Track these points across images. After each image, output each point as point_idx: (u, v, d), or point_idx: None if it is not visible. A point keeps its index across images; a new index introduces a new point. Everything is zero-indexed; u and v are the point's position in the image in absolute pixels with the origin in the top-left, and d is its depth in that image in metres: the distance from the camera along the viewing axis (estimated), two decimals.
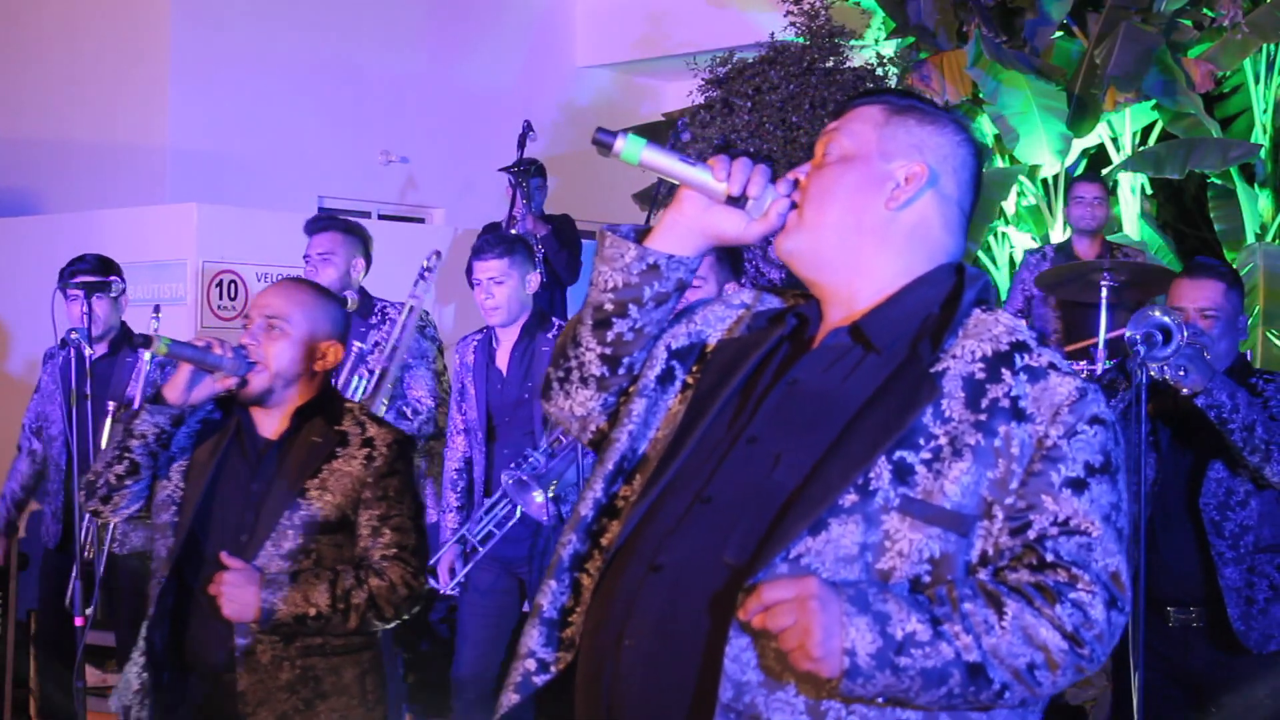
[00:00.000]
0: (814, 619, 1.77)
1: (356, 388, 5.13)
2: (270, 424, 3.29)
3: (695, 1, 10.72)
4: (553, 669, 2.01)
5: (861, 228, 1.99)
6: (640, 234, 2.09)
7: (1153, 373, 3.93)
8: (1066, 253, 7.19)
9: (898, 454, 1.86)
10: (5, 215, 8.88)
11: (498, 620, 5.04)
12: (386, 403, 5.14)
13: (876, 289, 2.00)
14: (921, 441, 1.87)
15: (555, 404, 2.16)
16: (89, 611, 4.81)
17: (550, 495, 4.65)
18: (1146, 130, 9.20)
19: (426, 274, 5.11)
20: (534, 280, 5.00)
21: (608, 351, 2.09)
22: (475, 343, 5.10)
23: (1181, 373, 3.94)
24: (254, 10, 9.66)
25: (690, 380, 2.08)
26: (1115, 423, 1.94)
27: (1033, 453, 1.88)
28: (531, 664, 2.02)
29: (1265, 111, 8.93)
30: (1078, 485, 1.87)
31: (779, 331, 2.06)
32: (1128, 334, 3.96)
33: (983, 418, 1.88)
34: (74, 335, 5.12)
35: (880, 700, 1.83)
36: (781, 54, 8.68)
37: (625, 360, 2.10)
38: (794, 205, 2.02)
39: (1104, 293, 5.74)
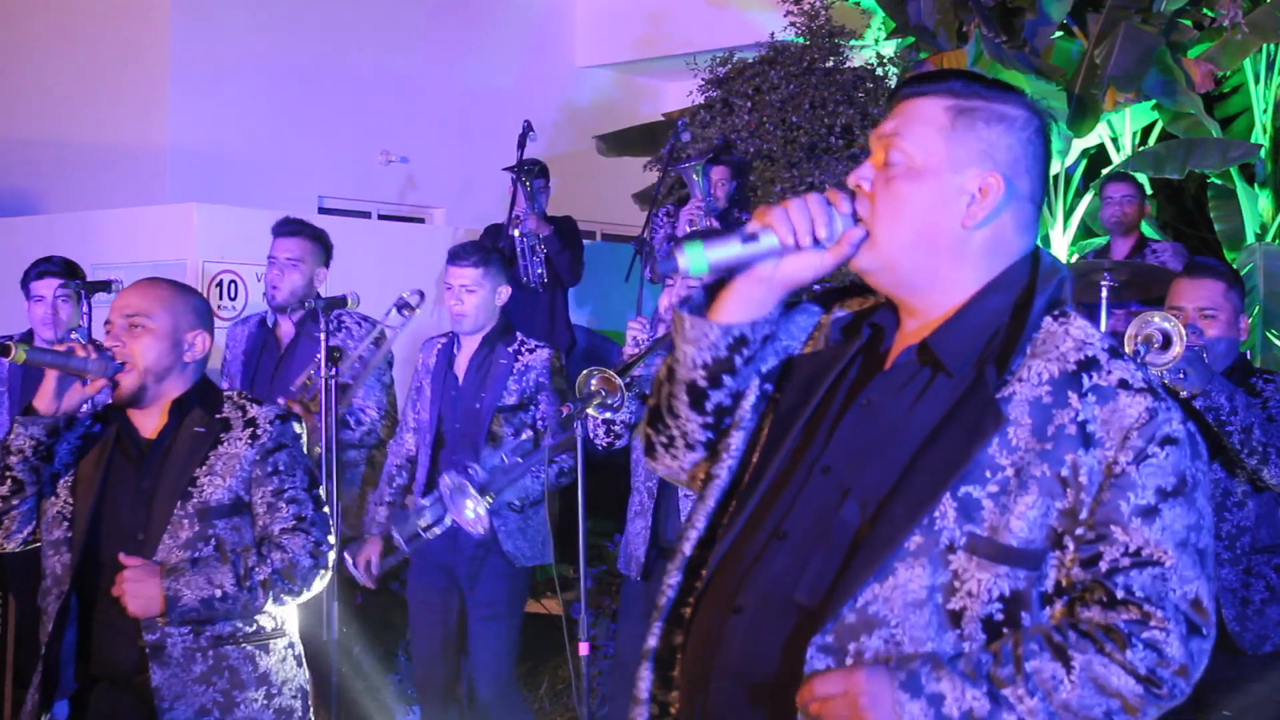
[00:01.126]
0: (866, 715, 1.77)
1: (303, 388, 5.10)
2: (149, 422, 3.29)
3: (695, 1, 10.72)
4: (673, 710, 1.99)
5: (936, 248, 1.91)
6: (711, 291, 2.03)
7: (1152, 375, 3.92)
8: (1104, 254, 7.17)
9: (963, 490, 1.81)
10: (5, 215, 8.89)
11: (444, 618, 5.04)
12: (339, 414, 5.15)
13: (950, 300, 1.93)
14: (988, 474, 1.81)
15: (663, 464, 2.14)
16: None
17: (485, 509, 4.66)
18: (1146, 130, 9.20)
19: (405, 310, 5.08)
20: (504, 293, 5.06)
21: (709, 420, 2.06)
22: (439, 346, 5.15)
23: (1181, 375, 3.94)
24: (253, 10, 9.66)
25: (776, 395, 2.04)
26: (1191, 437, 1.85)
27: (1101, 480, 1.81)
28: (655, 708, 2.00)
29: (1265, 111, 8.93)
30: (1149, 513, 1.80)
31: (855, 345, 2.00)
32: (1127, 337, 3.96)
33: (1049, 446, 1.81)
34: (74, 335, 5.12)
35: None
36: (781, 54, 8.68)
37: (728, 419, 2.06)
38: (857, 219, 1.94)
39: (1104, 293, 5.73)
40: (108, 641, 3.21)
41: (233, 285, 7.33)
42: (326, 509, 3.37)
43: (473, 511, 4.47)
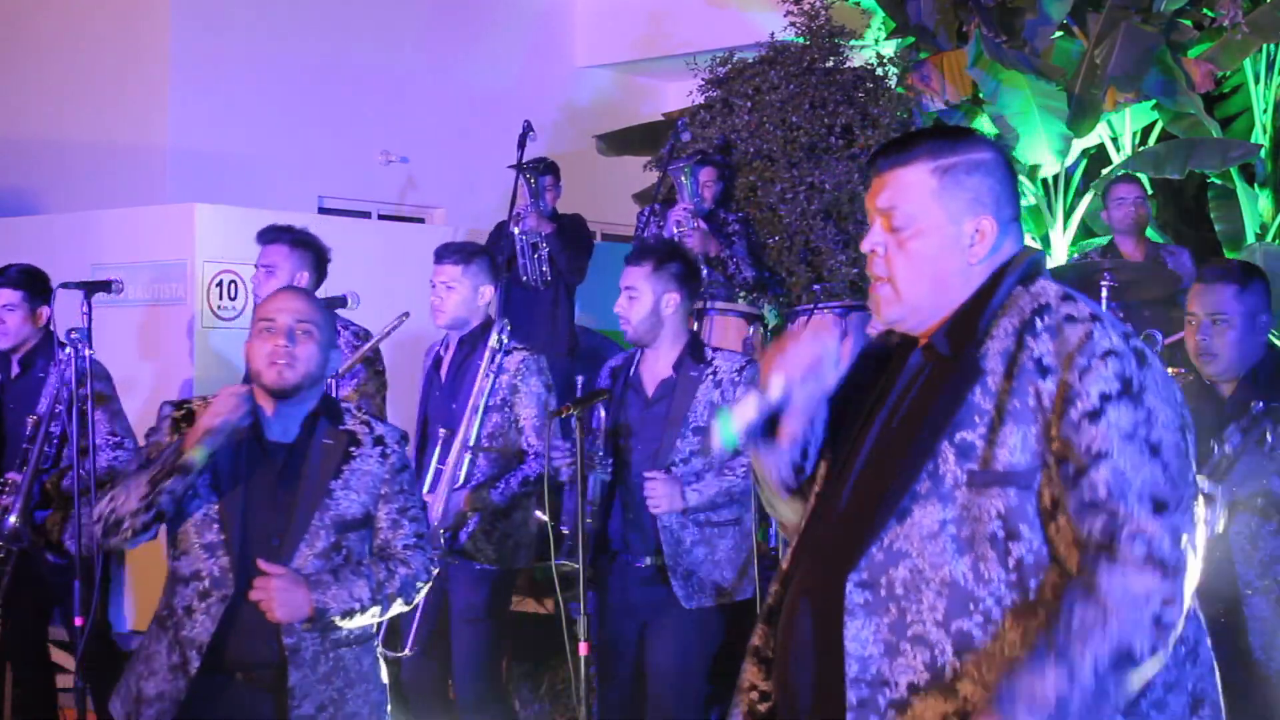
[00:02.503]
0: None
1: None
2: (284, 428, 3.45)
3: (695, 1, 10.72)
4: (773, 696, 2.33)
5: (949, 286, 2.26)
6: (769, 423, 2.37)
7: None
8: (1113, 255, 7.13)
9: (958, 436, 2.14)
10: (5, 215, 8.88)
11: (436, 622, 5.04)
12: None
13: (955, 308, 2.28)
14: (976, 419, 2.14)
15: (786, 522, 2.49)
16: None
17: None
18: (1146, 130, 9.20)
19: (393, 330, 5.20)
20: (486, 293, 5.10)
21: (803, 481, 2.41)
22: (437, 348, 5.23)
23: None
24: (253, 10, 9.66)
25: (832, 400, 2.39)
26: (1136, 351, 2.12)
27: (1057, 400, 2.10)
28: (755, 695, 2.35)
29: (1265, 111, 8.93)
30: (1094, 415, 2.08)
31: (882, 363, 2.36)
32: None
33: (1016, 383, 2.13)
34: (74, 335, 5.11)
35: None
36: (781, 54, 8.68)
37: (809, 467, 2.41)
38: (876, 277, 2.28)
39: (1104, 293, 5.73)
40: (244, 638, 3.38)
41: (233, 285, 7.32)
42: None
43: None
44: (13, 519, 5.10)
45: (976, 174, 2.25)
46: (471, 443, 4.92)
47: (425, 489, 4.88)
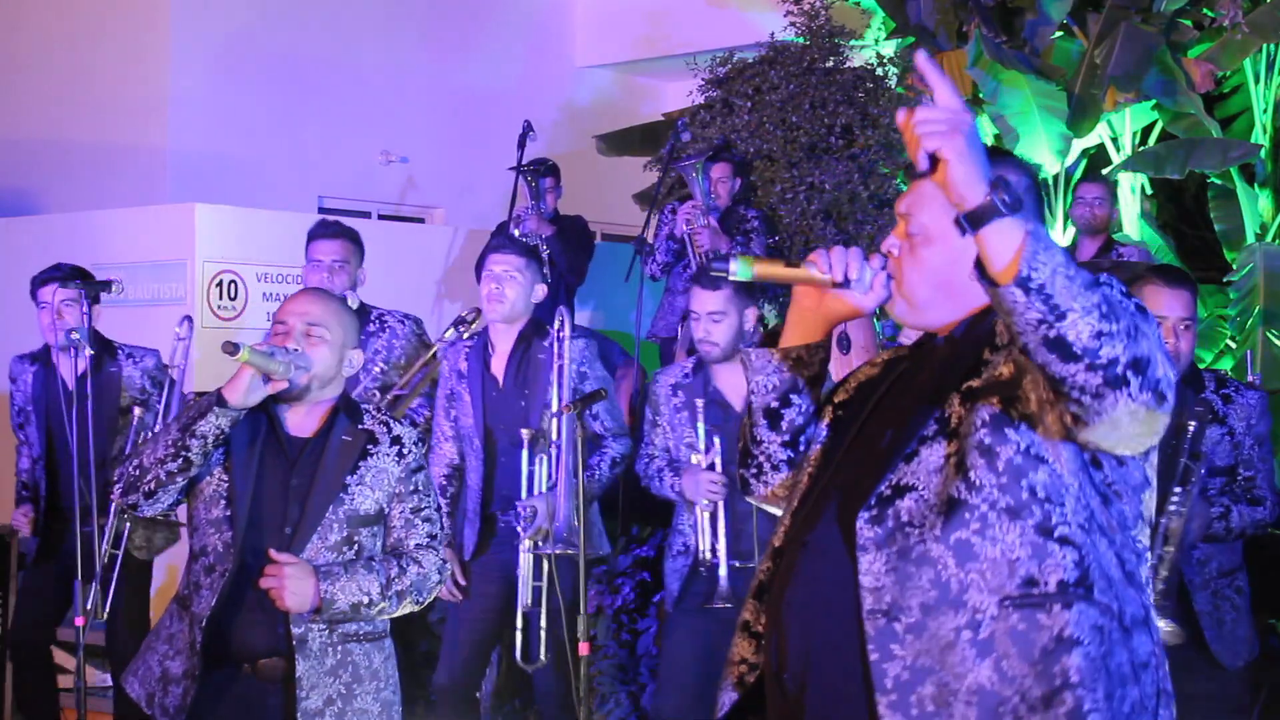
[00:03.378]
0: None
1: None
2: (303, 423, 3.49)
3: (695, 1, 10.72)
4: (758, 668, 2.38)
5: (955, 293, 2.32)
6: (770, 336, 2.48)
7: None
8: (1069, 253, 7.16)
9: (964, 384, 2.23)
10: (5, 215, 8.88)
11: (483, 627, 5.01)
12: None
13: (974, 310, 2.34)
14: (984, 370, 2.23)
15: (757, 495, 2.55)
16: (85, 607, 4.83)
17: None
18: (1146, 130, 9.20)
19: (461, 326, 5.02)
20: (540, 291, 4.99)
21: (787, 438, 2.48)
22: (467, 350, 5.03)
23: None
24: (254, 10, 9.66)
25: (836, 401, 2.47)
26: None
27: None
28: (744, 668, 2.40)
29: (1265, 111, 8.93)
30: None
31: (903, 355, 2.43)
32: None
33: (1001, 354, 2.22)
34: (74, 336, 5.12)
35: (1047, 287, 1.99)
36: (781, 54, 8.68)
37: (803, 437, 2.48)
38: (890, 275, 2.35)
39: None
40: (248, 624, 3.41)
41: (233, 285, 7.32)
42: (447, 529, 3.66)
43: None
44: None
45: None
46: (564, 437, 4.72)
47: (523, 493, 4.76)
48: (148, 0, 9.55)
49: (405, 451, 3.53)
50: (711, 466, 4.65)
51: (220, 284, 7.29)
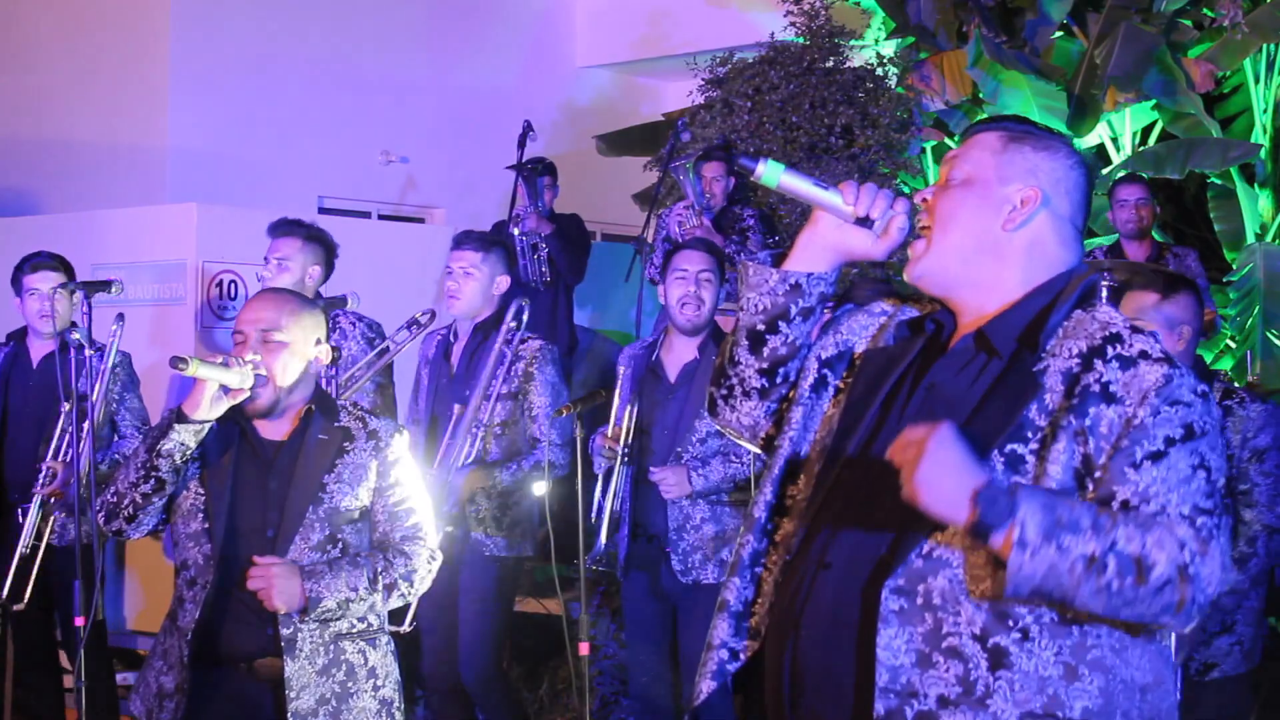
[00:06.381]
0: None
1: None
2: (276, 426, 3.48)
3: (695, 1, 10.72)
4: (742, 656, 2.28)
5: (981, 247, 2.22)
6: (777, 258, 2.34)
7: None
8: (1117, 255, 7.04)
9: (1009, 447, 2.10)
10: (5, 215, 8.88)
11: (451, 615, 5.05)
12: None
13: (999, 299, 2.22)
14: (1029, 435, 2.10)
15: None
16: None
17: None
18: (1146, 130, 9.20)
19: (414, 327, 5.14)
20: (502, 283, 5.08)
21: (765, 365, 2.34)
22: (439, 338, 5.18)
23: None
24: (254, 11, 9.66)
25: (842, 385, 2.33)
26: (1203, 396, 2.11)
27: (1120, 430, 2.07)
28: (724, 654, 2.29)
29: (1265, 111, 8.93)
30: (1156, 457, 2.06)
31: (920, 339, 2.29)
32: None
33: (1076, 402, 2.09)
34: (74, 336, 5.12)
35: (1038, 596, 2.00)
36: (781, 54, 8.68)
37: (782, 370, 2.34)
38: (913, 228, 2.25)
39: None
40: (236, 629, 3.41)
41: (233, 285, 7.32)
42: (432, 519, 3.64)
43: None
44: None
45: (1044, 152, 2.24)
46: (485, 423, 4.89)
47: (434, 465, 4.86)
48: (148, 0, 9.55)
49: (382, 445, 3.50)
50: (629, 434, 4.80)
51: (220, 284, 7.28)
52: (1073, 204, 2.25)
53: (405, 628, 4.79)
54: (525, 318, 4.98)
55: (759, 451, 2.42)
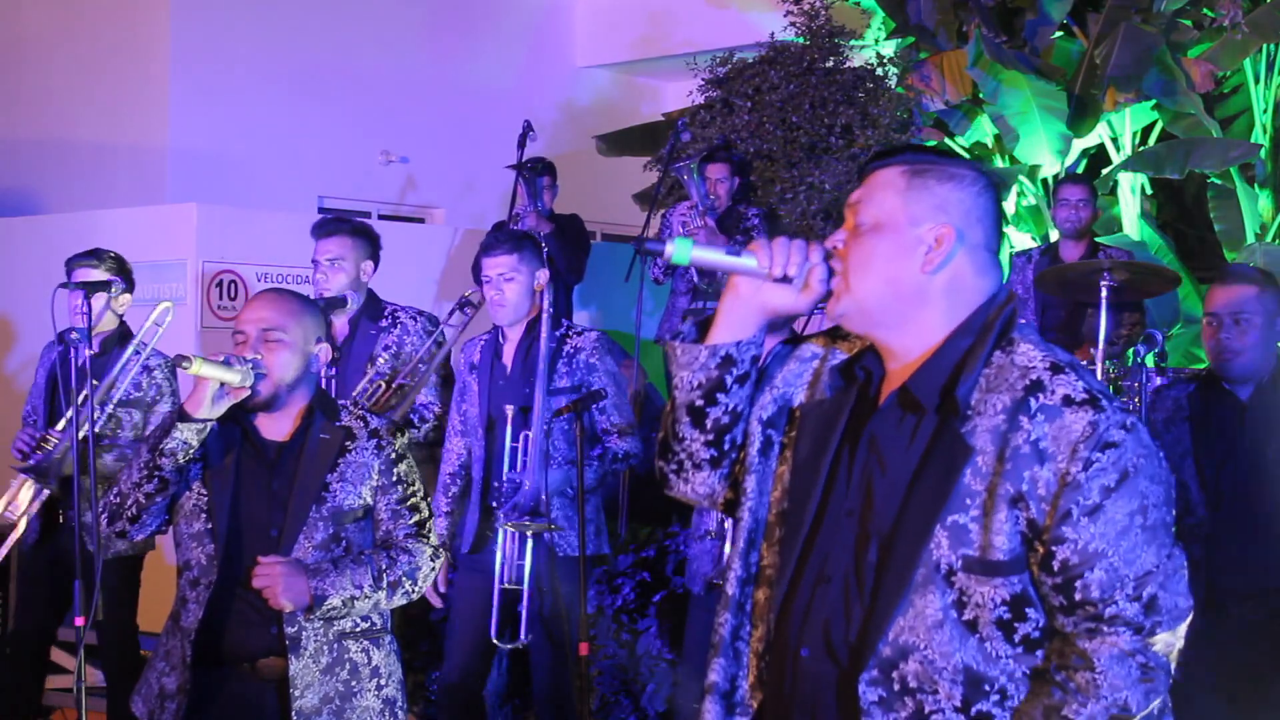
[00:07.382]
0: None
1: (367, 393, 5.09)
2: (277, 426, 3.50)
3: (695, 1, 10.73)
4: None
5: (900, 294, 2.17)
6: (702, 328, 2.21)
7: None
8: (1052, 255, 7.12)
9: (950, 519, 2.08)
10: (5, 215, 8.89)
11: (484, 624, 4.98)
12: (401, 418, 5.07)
13: (923, 343, 2.18)
14: (968, 501, 2.07)
15: (676, 490, 2.40)
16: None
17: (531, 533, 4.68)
18: (1146, 130, 9.20)
19: (467, 309, 5.06)
20: (543, 276, 4.91)
21: (710, 437, 2.32)
22: (482, 343, 5.02)
23: None
24: (254, 11, 9.66)
25: (786, 441, 2.30)
26: (1132, 429, 2.07)
27: (1056, 489, 2.05)
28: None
29: (1265, 111, 8.93)
30: (1093, 512, 2.04)
31: (854, 388, 2.25)
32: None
33: (1009, 466, 2.06)
34: (74, 335, 5.11)
35: None
36: (781, 54, 8.68)
37: (728, 437, 2.32)
38: (832, 272, 2.20)
39: (1104, 293, 5.72)
40: (240, 629, 3.42)
41: (233, 285, 7.33)
42: (434, 515, 3.68)
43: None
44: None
45: (950, 183, 2.18)
46: (538, 418, 4.71)
47: (505, 469, 4.75)
48: (148, 0, 9.55)
49: (384, 444, 3.53)
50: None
51: (220, 284, 7.29)
52: (985, 230, 2.20)
53: (522, 641, 4.71)
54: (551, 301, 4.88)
55: (722, 512, 2.41)
